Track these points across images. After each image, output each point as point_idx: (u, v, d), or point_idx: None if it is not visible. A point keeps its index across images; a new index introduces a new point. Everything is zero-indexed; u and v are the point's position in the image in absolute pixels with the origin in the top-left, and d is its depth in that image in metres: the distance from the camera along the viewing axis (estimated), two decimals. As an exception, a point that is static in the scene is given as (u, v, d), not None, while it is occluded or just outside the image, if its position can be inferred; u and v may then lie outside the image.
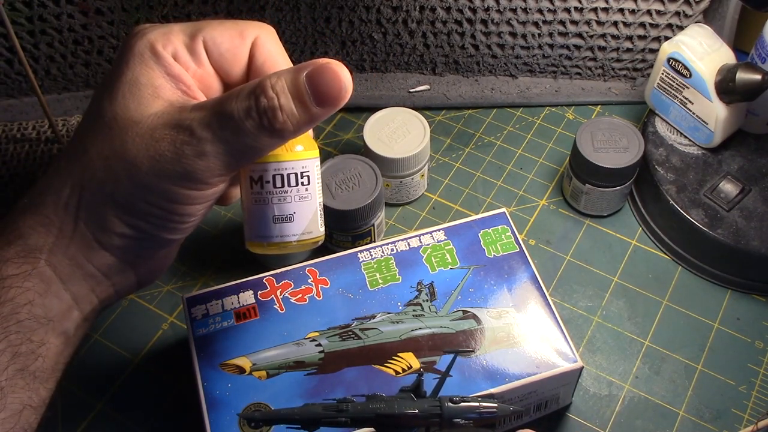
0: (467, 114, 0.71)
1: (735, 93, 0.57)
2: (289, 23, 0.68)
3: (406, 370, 0.48)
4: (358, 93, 0.71)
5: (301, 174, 0.40)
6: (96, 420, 0.54)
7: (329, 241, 0.60)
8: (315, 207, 0.41)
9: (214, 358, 0.49)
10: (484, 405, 0.38)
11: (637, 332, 0.57)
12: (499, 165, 0.67)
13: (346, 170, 0.58)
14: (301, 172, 0.40)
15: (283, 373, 0.48)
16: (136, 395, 0.55)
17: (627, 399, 0.54)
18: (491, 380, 0.47)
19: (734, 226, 0.57)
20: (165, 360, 0.56)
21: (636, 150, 0.59)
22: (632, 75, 0.71)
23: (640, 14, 0.66)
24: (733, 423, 0.53)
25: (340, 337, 0.49)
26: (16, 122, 0.66)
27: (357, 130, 0.70)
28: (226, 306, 0.51)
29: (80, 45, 0.67)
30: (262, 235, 0.40)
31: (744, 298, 0.59)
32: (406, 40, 0.69)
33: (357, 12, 0.67)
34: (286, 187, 0.40)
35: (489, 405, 0.38)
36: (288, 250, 0.41)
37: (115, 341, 0.57)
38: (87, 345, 0.57)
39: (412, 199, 0.65)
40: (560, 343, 0.49)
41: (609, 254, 0.61)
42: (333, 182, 0.57)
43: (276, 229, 0.40)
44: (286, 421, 0.40)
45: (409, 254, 0.53)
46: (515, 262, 0.53)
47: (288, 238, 0.40)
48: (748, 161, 0.61)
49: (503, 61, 0.70)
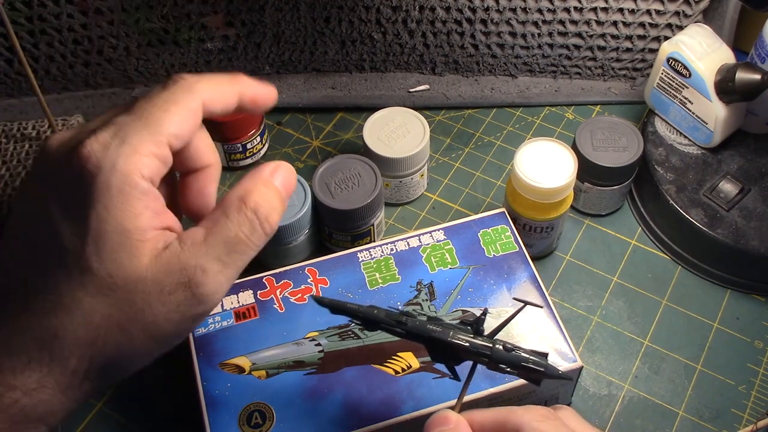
0: (467, 114, 0.71)
1: (734, 93, 0.57)
2: (289, 23, 0.68)
3: (405, 369, 0.48)
4: (357, 93, 0.71)
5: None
6: (96, 420, 0.54)
7: (329, 241, 0.60)
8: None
9: (214, 358, 0.49)
10: (532, 360, 0.38)
11: (637, 332, 0.57)
12: (498, 165, 0.67)
13: (345, 170, 0.58)
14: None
15: (282, 373, 0.48)
16: (136, 395, 0.55)
17: (626, 399, 0.54)
18: (491, 380, 0.47)
19: (734, 226, 0.57)
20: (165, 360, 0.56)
21: (635, 149, 0.59)
22: (632, 75, 0.71)
23: (639, 14, 0.66)
24: (732, 423, 0.53)
25: (339, 336, 0.49)
26: (16, 122, 0.66)
27: (356, 130, 0.70)
28: (225, 305, 0.51)
29: (80, 45, 0.67)
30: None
31: (743, 298, 0.59)
32: (405, 39, 0.69)
33: (356, 12, 0.67)
34: None
35: (537, 362, 0.38)
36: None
37: (114, 341, 0.57)
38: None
39: (412, 198, 0.65)
40: (560, 343, 0.49)
41: (608, 254, 0.61)
42: (332, 182, 0.57)
43: None
44: (350, 314, 0.40)
45: (408, 254, 0.53)
46: (515, 261, 0.53)
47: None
48: (748, 161, 0.61)
49: (503, 61, 0.70)
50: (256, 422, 0.46)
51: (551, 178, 0.54)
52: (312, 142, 0.69)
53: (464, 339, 0.39)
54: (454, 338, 0.39)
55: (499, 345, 0.38)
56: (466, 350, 0.38)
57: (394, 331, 0.40)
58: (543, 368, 0.38)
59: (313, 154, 0.68)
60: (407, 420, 0.46)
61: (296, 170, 0.70)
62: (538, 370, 0.38)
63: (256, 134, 0.65)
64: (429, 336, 0.39)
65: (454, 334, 0.39)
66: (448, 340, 0.39)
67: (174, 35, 0.68)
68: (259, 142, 0.66)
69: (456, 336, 0.39)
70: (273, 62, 0.71)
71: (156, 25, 0.67)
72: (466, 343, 0.38)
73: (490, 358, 0.38)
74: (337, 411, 0.47)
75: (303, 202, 0.56)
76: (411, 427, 0.47)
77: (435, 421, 0.37)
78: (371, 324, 0.40)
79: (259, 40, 0.69)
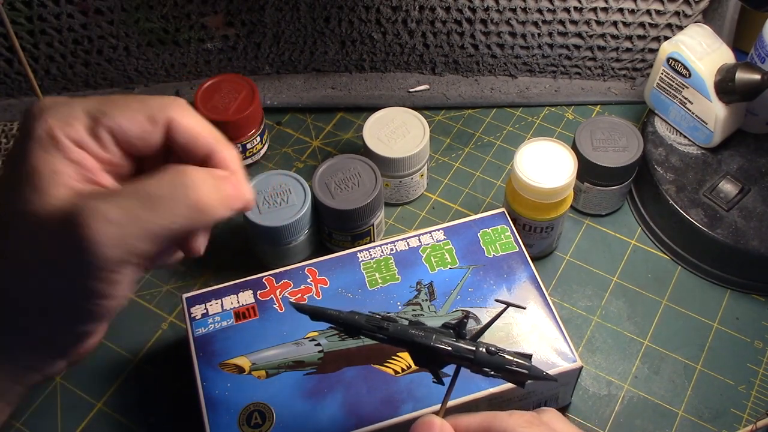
0: (467, 114, 0.71)
1: (734, 93, 0.57)
2: (288, 23, 0.68)
3: (405, 369, 0.48)
4: (357, 93, 0.71)
5: None
6: (96, 420, 0.54)
7: (329, 241, 0.60)
8: None
9: (214, 358, 0.49)
10: (516, 362, 0.38)
11: (637, 332, 0.57)
12: (498, 165, 0.67)
13: (345, 170, 0.58)
14: None
15: (282, 373, 0.48)
16: (136, 395, 0.55)
17: (626, 399, 0.54)
18: (491, 380, 0.47)
19: (733, 226, 0.57)
20: (164, 360, 0.57)
21: (635, 149, 0.59)
22: (632, 75, 0.71)
23: (639, 14, 0.66)
24: (732, 423, 0.53)
25: (339, 336, 0.49)
26: (16, 122, 0.67)
27: (356, 130, 0.70)
28: (225, 306, 0.51)
29: (80, 45, 0.67)
30: None
31: (743, 298, 0.59)
32: (405, 39, 0.69)
33: (356, 12, 0.67)
34: None
35: (522, 364, 0.38)
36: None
37: (114, 341, 0.57)
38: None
39: (412, 198, 0.65)
40: (559, 343, 0.49)
41: (608, 254, 0.61)
42: (332, 182, 0.57)
43: None
44: (330, 320, 0.39)
45: (408, 254, 0.53)
46: (515, 261, 0.53)
47: None
48: (748, 161, 0.61)
49: (503, 61, 0.70)
50: (255, 422, 0.46)
51: (551, 178, 0.54)
52: (312, 142, 0.69)
53: (447, 343, 0.38)
54: (437, 342, 0.38)
55: (482, 348, 0.38)
56: (449, 354, 0.38)
57: (376, 336, 0.39)
58: (527, 370, 0.38)
59: (313, 154, 0.68)
60: (407, 420, 0.46)
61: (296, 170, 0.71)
62: (522, 372, 0.38)
63: (256, 134, 0.65)
64: (411, 341, 0.38)
65: (437, 339, 0.38)
66: (431, 344, 0.38)
67: (174, 35, 0.68)
68: (259, 142, 0.66)
69: (439, 340, 0.38)
70: (273, 62, 0.71)
71: (156, 25, 0.67)
72: (449, 347, 0.38)
73: (472, 361, 0.38)
74: (337, 411, 0.47)
75: (303, 202, 0.56)
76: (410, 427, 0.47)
77: (420, 426, 0.37)
78: (352, 330, 0.39)
79: (259, 40, 0.69)
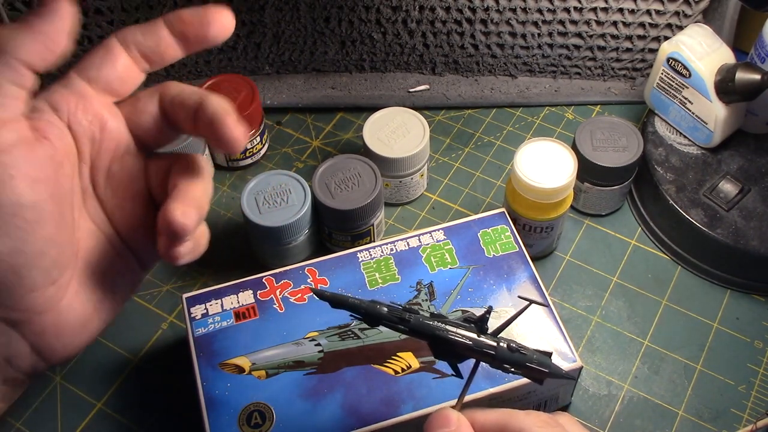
0: (467, 114, 0.71)
1: (734, 93, 0.57)
2: (288, 23, 0.68)
3: (405, 369, 0.48)
4: (357, 93, 0.71)
5: None
6: (95, 419, 0.54)
7: (329, 241, 0.60)
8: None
9: (214, 358, 0.49)
10: (536, 360, 0.38)
11: (637, 332, 0.57)
12: (498, 165, 0.67)
13: (345, 170, 0.58)
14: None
15: (282, 373, 0.48)
16: (136, 395, 0.55)
17: (626, 399, 0.54)
18: (491, 380, 0.47)
19: (733, 226, 0.57)
20: (164, 360, 0.57)
21: (635, 149, 0.59)
22: (632, 75, 0.71)
23: (639, 14, 0.66)
24: (732, 423, 0.53)
25: (339, 336, 0.49)
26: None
27: (356, 130, 0.70)
28: (225, 306, 0.51)
29: (80, 45, 0.67)
30: None
31: (743, 298, 0.59)
32: (405, 39, 0.69)
33: (356, 12, 0.67)
34: None
35: (542, 362, 0.38)
36: None
37: (114, 341, 0.57)
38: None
39: (412, 198, 0.65)
40: (559, 343, 0.49)
41: (608, 254, 0.61)
42: (332, 182, 0.57)
43: None
44: (351, 308, 0.38)
45: (408, 254, 0.53)
46: (515, 261, 0.53)
47: None
48: (748, 161, 0.61)
49: (503, 61, 0.70)
50: (255, 422, 0.46)
51: (551, 178, 0.54)
52: (312, 142, 0.69)
53: (468, 337, 0.38)
54: (458, 336, 0.38)
55: (504, 344, 0.38)
56: (470, 348, 0.38)
57: (397, 327, 0.38)
58: (547, 368, 0.38)
59: (313, 154, 0.68)
60: (407, 420, 0.46)
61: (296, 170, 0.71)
62: (542, 371, 0.38)
63: (255, 134, 0.65)
64: (432, 333, 0.38)
65: (458, 333, 0.38)
66: (452, 337, 0.38)
67: (174, 35, 0.68)
68: (258, 142, 0.66)
69: (460, 334, 0.38)
70: (273, 62, 0.71)
71: (156, 25, 0.67)
72: (470, 342, 0.38)
73: (494, 357, 0.38)
74: (337, 411, 0.47)
75: (303, 202, 0.56)
76: (411, 427, 0.47)
77: (436, 420, 0.37)
78: (373, 320, 0.39)
79: (259, 40, 0.69)
